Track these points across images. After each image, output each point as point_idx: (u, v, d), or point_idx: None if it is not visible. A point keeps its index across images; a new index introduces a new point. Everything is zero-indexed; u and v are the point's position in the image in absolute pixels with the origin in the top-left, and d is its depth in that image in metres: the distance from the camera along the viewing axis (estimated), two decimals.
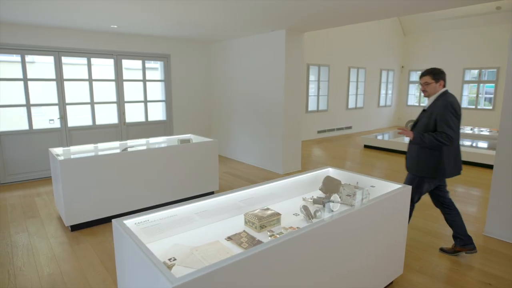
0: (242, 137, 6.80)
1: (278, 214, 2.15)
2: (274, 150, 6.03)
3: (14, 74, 5.25)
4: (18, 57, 5.23)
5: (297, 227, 2.08)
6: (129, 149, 4.04)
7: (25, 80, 5.27)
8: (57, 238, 3.41)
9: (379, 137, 8.57)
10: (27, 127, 5.38)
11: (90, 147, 4.45)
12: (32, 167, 5.48)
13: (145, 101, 6.61)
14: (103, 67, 6.22)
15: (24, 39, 5.17)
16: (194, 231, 2.04)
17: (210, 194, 4.52)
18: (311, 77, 9.71)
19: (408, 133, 2.79)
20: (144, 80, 6.53)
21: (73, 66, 5.99)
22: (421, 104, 12.68)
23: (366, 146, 8.52)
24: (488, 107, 10.99)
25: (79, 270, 2.82)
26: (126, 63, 6.32)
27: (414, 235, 3.44)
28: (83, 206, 3.54)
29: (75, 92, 5.82)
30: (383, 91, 12.57)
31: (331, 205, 2.13)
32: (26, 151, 5.41)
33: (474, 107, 11.22)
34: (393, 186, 2.49)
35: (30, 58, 5.45)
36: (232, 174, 5.90)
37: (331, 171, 2.97)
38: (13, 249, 3.18)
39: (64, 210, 3.46)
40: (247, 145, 6.69)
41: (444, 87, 2.84)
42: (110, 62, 6.12)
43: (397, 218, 2.41)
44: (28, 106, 5.35)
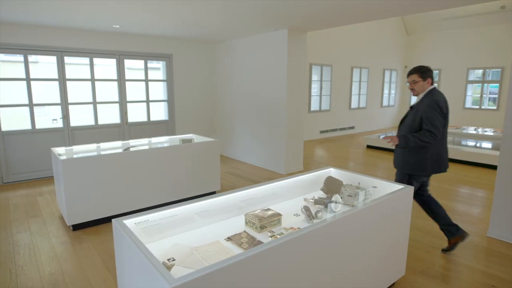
0: (244, 137, 6.79)
1: (279, 215, 2.14)
2: (276, 150, 6.01)
3: (17, 74, 5.27)
4: (21, 57, 5.25)
5: (298, 228, 2.06)
6: (131, 149, 4.04)
7: (28, 80, 5.29)
8: (58, 238, 3.42)
9: (382, 137, 8.51)
10: (29, 126, 5.41)
11: (92, 146, 4.45)
12: (35, 166, 5.50)
13: (147, 101, 6.62)
14: (106, 67, 6.23)
15: (27, 39, 5.19)
16: (194, 231, 2.03)
17: (211, 194, 4.51)
18: (314, 77, 9.68)
19: (393, 139, 2.88)
20: (146, 80, 6.54)
21: (76, 66, 6.01)
22: None
23: (368, 146, 8.49)
24: (493, 107, 10.91)
25: (80, 270, 2.82)
26: (128, 63, 6.33)
27: (414, 235, 3.41)
28: (85, 205, 3.55)
29: (77, 92, 5.84)
30: (386, 91, 12.52)
31: (333, 205, 2.12)
32: (29, 151, 5.43)
33: (478, 107, 11.14)
34: (395, 187, 2.47)
35: (34, 58, 5.47)
36: (234, 174, 5.89)
37: (332, 172, 2.95)
38: (15, 248, 3.20)
39: (66, 210, 3.46)
40: (249, 145, 6.68)
41: (431, 84, 2.87)
42: (113, 62, 6.14)
43: (398, 219, 2.39)
44: (31, 105, 5.37)
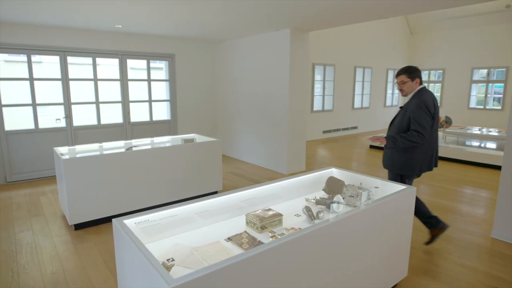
0: (246, 137, 6.78)
1: (280, 215, 2.12)
2: (279, 150, 6.00)
3: (21, 74, 5.30)
4: (24, 57, 5.28)
5: (299, 228, 2.04)
6: (133, 149, 4.04)
7: (31, 79, 5.31)
8: (60, 237, 3.43)
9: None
10: (33, 126, 5.43)
11: (95, 146, 4.46)
12: (38, 166, 5.53)
13: (150, 101, 6.63)
14: (108, 66, 6.25)
15: (30, 39, 5.21)
16: (195, 231, 2.02)
17: (213, 194, 4.50)
18: (317, 77, 9.65)
19: (381, 140, 2.90)
20: (149, 80, 6.55)
21: (79, 66, 6.03)
22: None
23: (371, 147, 8.45)
24: (497, 107, 10.82)
25: (81, 269, 2.83)
26: (131, 62, 6.35)
27: (416, 236, 3.38)
28: (86, 205, 3.55)
29: (80, 91, 5.86)
30: (389, 90, 12.46)
31: (334, 206, 2.10)
32: (32, 150, 5.45)
33: (482, 107, 11.05)
34: (397, 187, 2.44)
35: (37, 58, 5.50)
36: (236, 174, 5.88)
37: (334, 172, 2.93)
38: (17, 247, 3.21)
39: (68, 209, 3.47)
40: (251, 145, 6.67)
41: (420, 84, 2.89)
42: (115, 62, 6.15)
43: (401, 220, 2.36)
44: (34, 105, 5.39)
